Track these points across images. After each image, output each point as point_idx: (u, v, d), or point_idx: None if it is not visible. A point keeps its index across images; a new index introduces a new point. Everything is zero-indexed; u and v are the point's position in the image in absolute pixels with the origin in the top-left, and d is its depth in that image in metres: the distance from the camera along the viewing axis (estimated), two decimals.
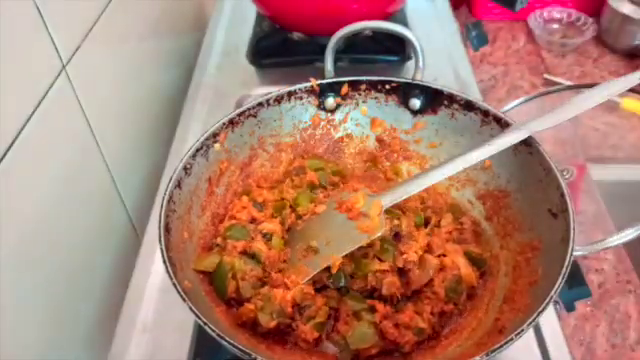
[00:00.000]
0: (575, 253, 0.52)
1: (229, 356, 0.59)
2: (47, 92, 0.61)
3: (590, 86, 0.64)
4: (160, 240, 0.54)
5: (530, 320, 0.47)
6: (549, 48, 1.36)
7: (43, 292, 0.62)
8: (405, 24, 1.02)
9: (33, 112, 0.58)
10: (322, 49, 0.76)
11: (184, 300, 0.49)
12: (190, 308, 0.49)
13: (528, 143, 0.62)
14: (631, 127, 1.15)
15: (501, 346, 0.46)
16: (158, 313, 0.68)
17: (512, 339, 0.46)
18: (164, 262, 0.52)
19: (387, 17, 0.93)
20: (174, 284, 0.50)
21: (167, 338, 0.65)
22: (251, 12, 1.11)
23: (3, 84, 0.53)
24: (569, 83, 1.22)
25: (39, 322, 0.61)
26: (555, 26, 1.40)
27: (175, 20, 1.10)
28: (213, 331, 0.48)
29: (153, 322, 0.67)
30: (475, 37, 1.13)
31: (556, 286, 0.49)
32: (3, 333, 0.54)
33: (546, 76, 1.28)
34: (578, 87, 1.17)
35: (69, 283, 0.67)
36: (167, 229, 0.56)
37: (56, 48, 0.63)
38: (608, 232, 0.91)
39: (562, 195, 0.57)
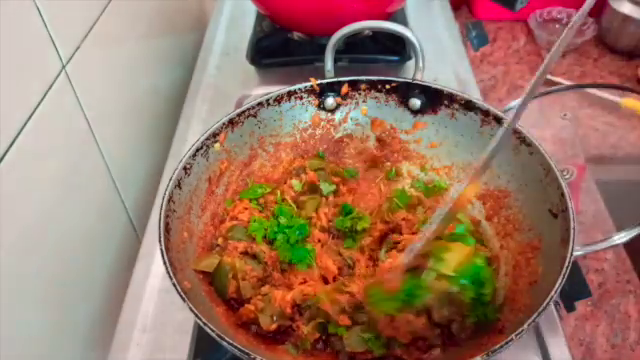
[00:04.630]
0: (575, 253, 0.52)
1: (229, 356, 0.59)
2: (47, 92, 0.61)
3: (590, 86, 0.63)
4: (160, 240, 0.54)
5: (530, 320, 0.47)
6: (549, 48, 1.36)
7: (43, 292, 0.62)
8: (405, 24, 1.02)
9: (33, 112, 0.58)
10: (322, 49, 0.76)
11: (184, 300, 0.49)
12: (190, 308, 0.49)
13: (528, 143, 0.62)
14: (631, 127, 1.14)
15: (501, 346, 0.46)
16: (158, 313, 0.68)
17: (512, 339, 0.47)
18: (164, 262, 0.52)
19: (387, 17, 0.93)
20: (174, 284, 0.50)
21: (167, 338, 0.65)
22: (251, 12, 1.11)
23: (3, 84, 0.53)
24: (569, 83, 1.22)
25: (39, 322, 0.61)
26: (555, 26, 1.40)
27: (175, 20, 1.10)
28: (213, 331, 0.48)
29: (153, 322, 0.67)
30: (475, 37, 1.13)
31: (556, 286, 0.49)
32: (3, 333, 0.54)
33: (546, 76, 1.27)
34: (578, 87, 1.18)
35: (69, 283, 0.67)
36: (167, 229, 0.56)
37: (56, 48, 0.63)
38: (608, 232, 0.91)
39: (562, 195, 0.57)
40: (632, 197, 1.07)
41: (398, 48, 0.97)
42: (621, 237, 0.57)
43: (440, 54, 1.04)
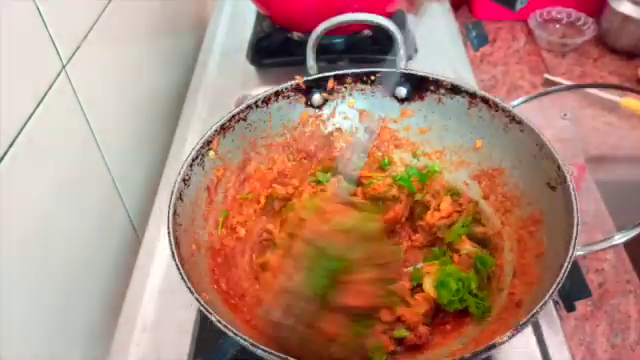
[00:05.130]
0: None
1: (229, 356, 0.59)
2: (47, 92, 0.61)
3: (590, 86, 0.64)
4: (174, 256, 0.53)
5: (551, 292, 0.47)
6: (549, 48, 1.36)
7: (43, 292, 0.62)
8: (404, 24, 1.02)
9: (33, 112, 0.58)
10: (322, 49, 0.76)
11: (209, 314, 0.48)
12: (218, 321, 0.48)
13: (518, 120, 0.63)
14: (631, 127, 1.14)
15: (527, 320, 0.46)
16: (158, 313, 0.68)
17: (537, 312, 0.46)
18: (182, 278, 0.51)
19: (387, 17, 0.93)
20: (197, 299, 0.49)
21: (167, 338, 0.65)
22: (251, 12, 1.11)
23: (3, 84, 0.53)
24: (569, 83, 1.22)
25: (39, 322, 0.61)
26: (555, 26, 1.40)
27: (175, 20, 1.10)
28: (242, 339, 0.47)
29: (153, 322, 0.67)
30: (475, 37, 1.13)
31: (568, 256, 0.49)
32: (3, 333, 0.54)
33: (546, 76, 1.27)
34: (578, 87, 1.18)
35: (69, 283, 0.67)
36: (177, 243, 0.55)
37: (56, 48, 0.63)
38: (608, 232, 0.91)
39: (559, 168, 0.57)
40: (632, 197, 1.07)
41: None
42: (621, 237, 0.57)
43: (440, 54, 1.04)
